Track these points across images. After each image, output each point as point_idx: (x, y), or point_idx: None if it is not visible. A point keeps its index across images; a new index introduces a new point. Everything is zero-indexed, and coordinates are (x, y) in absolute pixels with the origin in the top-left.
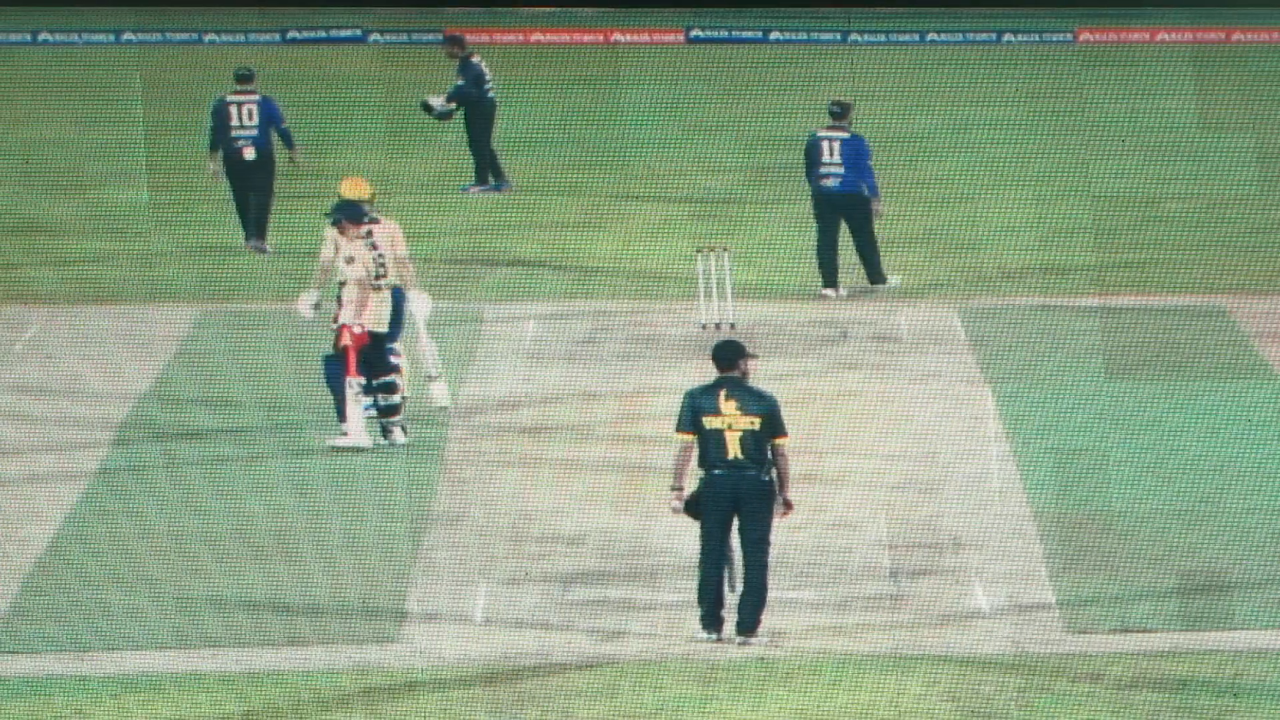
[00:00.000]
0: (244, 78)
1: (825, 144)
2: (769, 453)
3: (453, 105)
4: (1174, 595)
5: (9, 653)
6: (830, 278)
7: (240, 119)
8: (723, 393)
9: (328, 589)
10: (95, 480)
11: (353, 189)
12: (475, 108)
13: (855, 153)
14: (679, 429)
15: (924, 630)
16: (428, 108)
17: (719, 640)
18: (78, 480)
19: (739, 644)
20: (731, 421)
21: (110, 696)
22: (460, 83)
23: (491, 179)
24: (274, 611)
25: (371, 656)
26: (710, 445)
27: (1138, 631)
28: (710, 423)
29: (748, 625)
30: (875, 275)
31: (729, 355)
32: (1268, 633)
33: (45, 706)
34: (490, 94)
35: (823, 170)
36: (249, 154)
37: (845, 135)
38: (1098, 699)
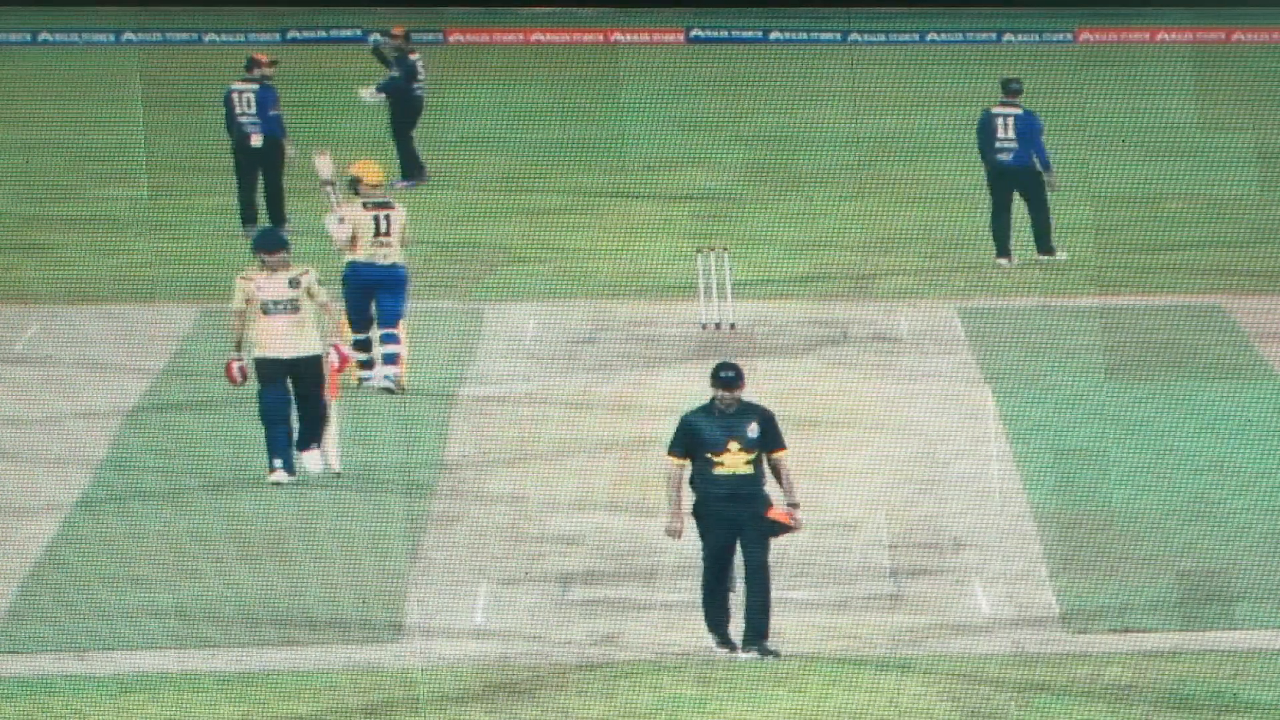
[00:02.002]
0: (246, 65)
1: (999, 120)
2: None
3: (382, 95)
4: (1173, 595)
5: (7, 653)
6: (1004, 247)
7: (243, 106)
8: None
9: (326, 590)
10: (93, 482)
11: (365, 171)
12: (401, 102)
13: (1028, 128)
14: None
15: (923, 630)
16: (368, 96)
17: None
18: (75, 481)
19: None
20: None
21: (108, 698)
22: (395, 74)
23: (401, 174)
24: (272, 612)
25: (370, 657)
26: None
27: (1137, 631)
28: None
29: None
30: (1045, 246)
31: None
32: (1267, 632)
33: (43, 707)
34: (418, 91)
35: (997, 145)
36: (255, 140)
37: (1018, 111)
38: (1097, 699)
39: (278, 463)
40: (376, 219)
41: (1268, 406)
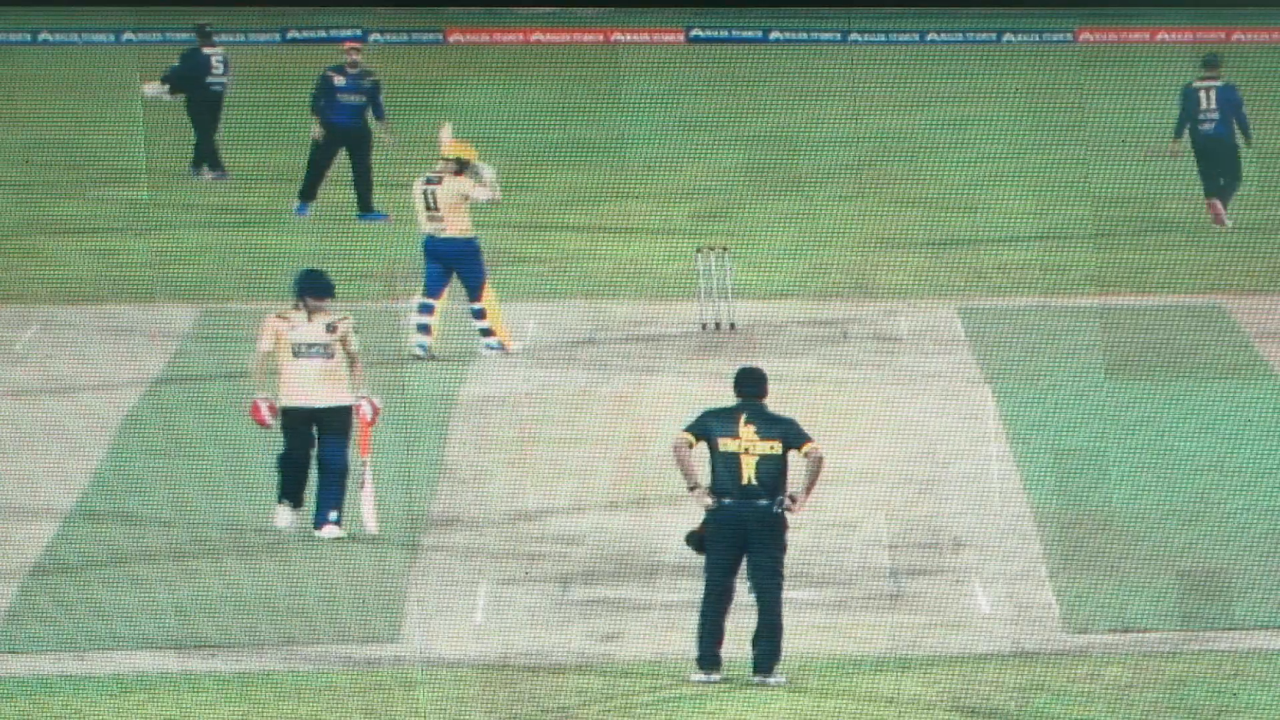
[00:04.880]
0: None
1: (1202, 93)
2: (786, 481)
3: (167, 88)
4: (1173, 594)
5: (7, 653)
6: (1218, 213)
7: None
8: (742, 416)
9: (327, 588)
10: (94, 480)
11: (458, 149)
12: (195, 95)
13: (1229, 99)
14: (685, 428)
15: (923, 630)
16: (151, 94)
17: (718, 680)
18: (78, 479)
19: (756, 683)
20: (749, 445)
21: (108, 697)
22: (175, 65)
23: (206, 167)
24: (273, 611)
25: (372, 655)
26: (722, 470)
27: (1137, 631)
28: (726, 445)
29: (765, 665)
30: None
31: (754, 383)
32: (1266, 632)
33: (43, 707)
34: (214, 86)
35: (1201, 117)
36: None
37: (1219, 84)
38: (1097, 698)
39: (286, 504)
40: (424, 194)
41: (1267, 406)
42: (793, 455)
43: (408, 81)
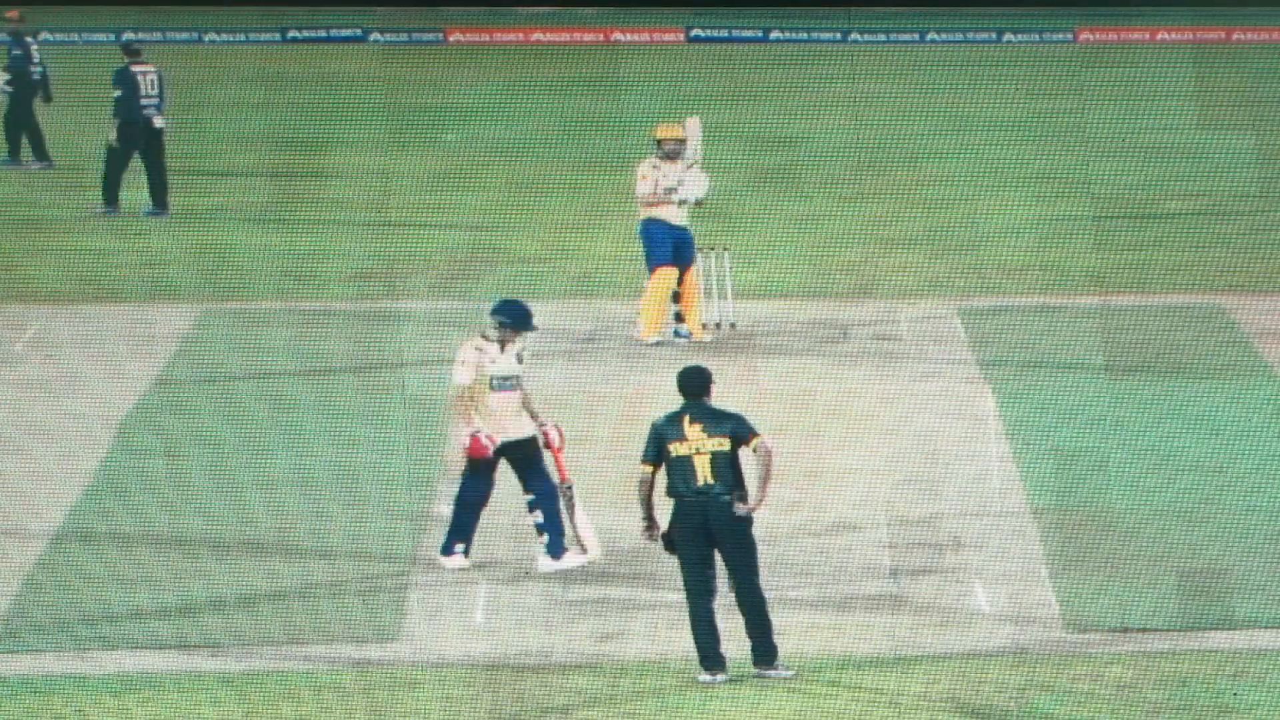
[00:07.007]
0: (131, 49)
1: None
2: (740, 474)
3: (8, 77)
4: (1174, 595)
5: (9, 652)
6: None
7: (146, 88)
8: (686, 418)
9: (328, 588)
10: (96, 479)
11: (669, 131)
12: (19, 84)
13: None
14: (643, 460)
15: (924, 630)
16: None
17: (725, 680)
18: (79, 479)
19: (756, 675)
20: (699, 445)
21: (110, 696)
22: (18, 52)
23: (7, 155)
24: (274, 610)
25: (372, 655)
26: (677, 473)
27: (1138, 631)
28: (677, 450)
29: (763, 656)
30: None
31: (697, 383)
32: (1267, 632)
33: (45, 706)
34: (34, 76)
35: None
36: (159, 122)
37: None
38: (1098, 699)
39: (459, 547)
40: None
41: (1268, 406)
42: (743, 452)
43: (408, 81)
